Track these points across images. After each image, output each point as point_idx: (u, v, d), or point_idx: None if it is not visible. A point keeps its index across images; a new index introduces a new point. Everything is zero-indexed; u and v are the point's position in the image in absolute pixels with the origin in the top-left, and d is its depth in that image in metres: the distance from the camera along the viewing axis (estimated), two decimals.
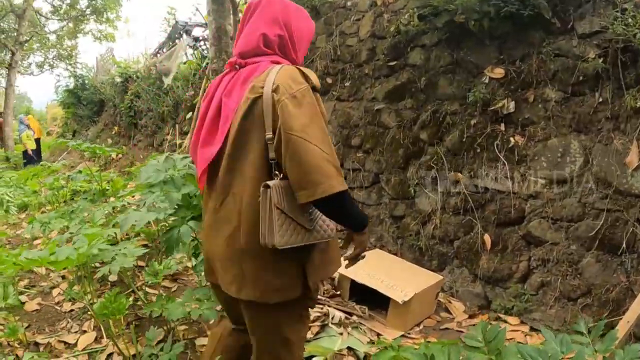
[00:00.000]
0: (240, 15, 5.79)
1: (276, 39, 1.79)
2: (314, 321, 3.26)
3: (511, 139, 3.60)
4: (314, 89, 1.68)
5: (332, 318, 3.31)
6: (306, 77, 1.65)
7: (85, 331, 3.24)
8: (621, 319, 2.72)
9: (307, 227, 1.66)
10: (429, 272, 3.75)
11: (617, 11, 3.10)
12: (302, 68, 1.69)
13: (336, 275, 3.71)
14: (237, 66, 1.80)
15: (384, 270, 3.61)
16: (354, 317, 3.44)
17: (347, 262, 1.86)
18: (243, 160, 1.69)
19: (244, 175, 1.68)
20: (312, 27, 1.94)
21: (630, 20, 3.01)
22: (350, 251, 1.82)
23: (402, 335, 3.26)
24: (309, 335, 3.08)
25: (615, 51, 3.10)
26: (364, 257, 1.84)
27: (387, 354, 1.74)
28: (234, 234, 1.71)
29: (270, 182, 1.57)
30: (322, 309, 3.46)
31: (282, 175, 1.61)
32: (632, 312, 2.68)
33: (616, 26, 3.04)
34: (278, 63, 1.73)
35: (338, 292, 3.78)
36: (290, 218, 1.60)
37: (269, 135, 1.61)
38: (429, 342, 2.07)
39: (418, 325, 3.45)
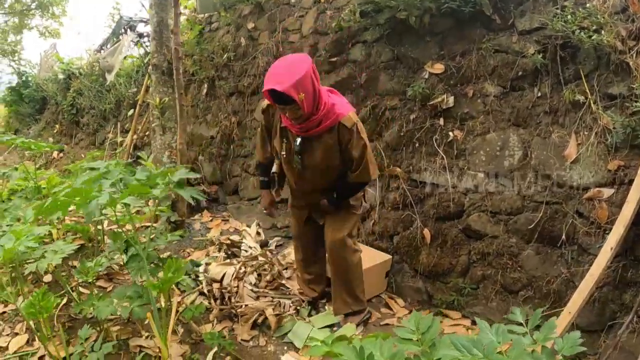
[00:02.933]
0: (182, 8, 5.36)
1: None
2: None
3: (450, 133, 3.35)
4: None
5: (284, 307, 3.23)
6: None
7: (17, 333, 2.87)
8: (563, 310, 2.49)
9: None
10: (378, 252, 3.51)
11: (556, 8, 2.91)
12: None
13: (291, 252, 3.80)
14: None
15: None
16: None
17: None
18: None
19: None
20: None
21: (569, 17, 2.81)
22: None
23: None
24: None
25: (554, 47, 2.90)
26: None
27: (321, 348, 1.50)
28: None
29: None
30: (272, 300, 3.30)
31: None
32: (573, 303, 2.46)
33: (555, 23, 2.84)
34: None
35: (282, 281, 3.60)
36: None
37: None
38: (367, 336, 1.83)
39: None
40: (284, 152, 2.73)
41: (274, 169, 2.93)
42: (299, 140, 2.63)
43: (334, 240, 2.87)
